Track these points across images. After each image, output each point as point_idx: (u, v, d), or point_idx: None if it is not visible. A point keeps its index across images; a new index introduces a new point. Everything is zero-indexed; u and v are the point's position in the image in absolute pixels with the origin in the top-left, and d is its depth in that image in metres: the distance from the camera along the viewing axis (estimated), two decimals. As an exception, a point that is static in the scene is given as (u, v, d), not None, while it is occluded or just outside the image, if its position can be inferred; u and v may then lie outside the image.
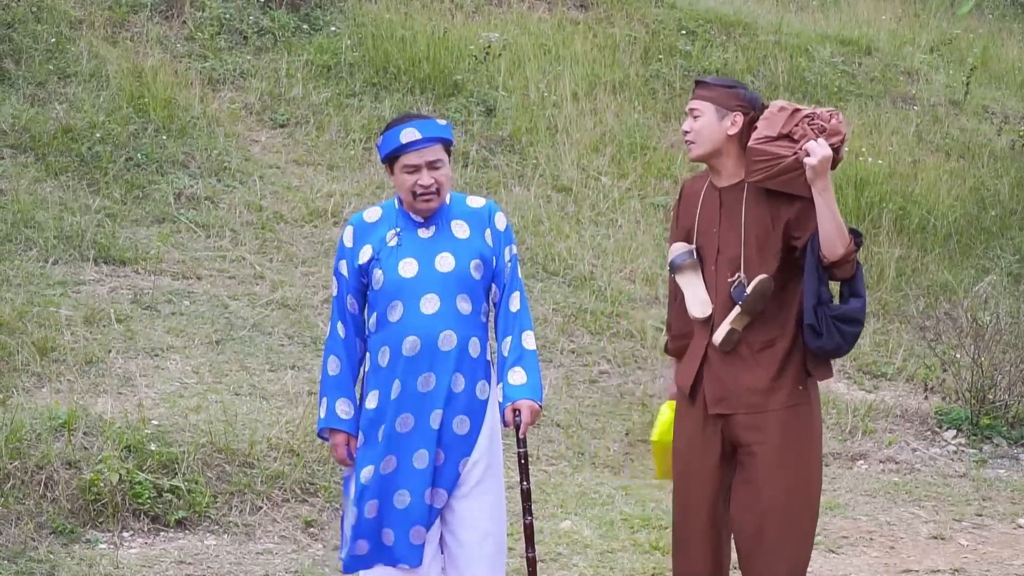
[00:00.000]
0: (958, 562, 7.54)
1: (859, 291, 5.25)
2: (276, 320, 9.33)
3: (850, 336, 5.21)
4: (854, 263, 5.21)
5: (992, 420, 9.68)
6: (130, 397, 7.98)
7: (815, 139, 5.10)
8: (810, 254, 5.17)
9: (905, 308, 11.33)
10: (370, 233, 5.36)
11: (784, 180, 5.15)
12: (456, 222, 5.39)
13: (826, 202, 5.10)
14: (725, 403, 5.27)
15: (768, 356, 5.23)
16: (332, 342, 5.39)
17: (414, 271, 5.29)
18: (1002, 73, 16.42)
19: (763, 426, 5.21)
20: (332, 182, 11.27)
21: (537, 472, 8.24)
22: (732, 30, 15.20)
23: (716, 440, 5.29)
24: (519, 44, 13.58)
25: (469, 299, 5.34)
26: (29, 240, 9.58)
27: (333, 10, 13.50)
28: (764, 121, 5.20)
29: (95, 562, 6.61)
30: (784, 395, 5.22)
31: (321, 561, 6.87)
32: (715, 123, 5.26)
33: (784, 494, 5.19)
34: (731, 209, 5.27)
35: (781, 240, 5.21)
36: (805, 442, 5.26)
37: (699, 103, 5.29)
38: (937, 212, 12.73)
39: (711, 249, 5.31)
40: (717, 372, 5.28)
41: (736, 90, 5.29)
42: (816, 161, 5.05)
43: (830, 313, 5.16)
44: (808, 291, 5.17)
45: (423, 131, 5.27)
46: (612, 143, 12.62)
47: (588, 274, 10.87)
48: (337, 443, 5.38)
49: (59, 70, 11.49)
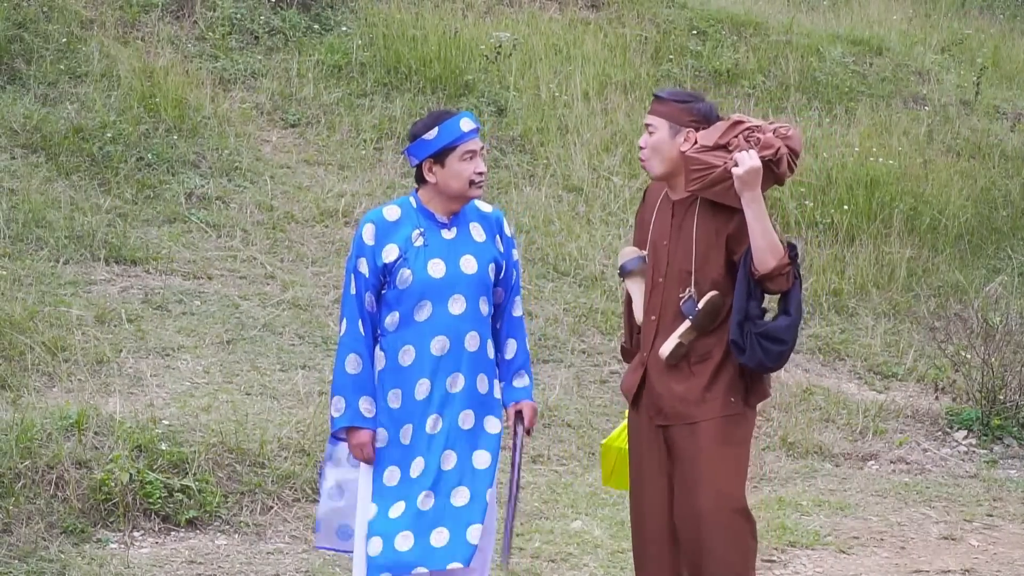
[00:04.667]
0: (969, 563, 7.53)
1: (791, 309, 5.27)
2: (287, 320, 9.34)
3: (773, 354, 5.23)
4: (788, 276, 5.22)
5: (1003, 421, 9.67)
6: (141, 397, 8.00)
7: (747, 150, 5.12)
8: (741, 267, 5.21)
9: (916, 308, 11.31)
10: (393, 232, 5.36)
11: (717, 191, 5.19)
12: (473, 224, 5.46)
13: (755, 213, 5.11)
14: (661, 415, 5.35)
15: (702, 368, 5.29)
16: (351, 340, 5.36)
17: (442, 272, 5.32)
18: (1013, 73, 16.39)
19: (695, 435, 5.27)
20: (343, 182, 11.28)
21: (548, 472, 8.24)
22: (743, 30, 15.19)
23: (660, 447, 5.37)
24: (530, 44, 13.57)
25: (487, 301, 5.42)
26: (40, 240, 9.59)
27: (344, 10, 13.50)
28: (704, 132, 5.25)
29: (106, 562, 6.62)
30: (716, 406, 5.29)
31: (332, 561, 6.87)
32: (668, 139, 5.29)
33: (713, 500, 5.25)
34: (683, 222, 5.31)
35: (724, 254, 5.25)
36: (732, 453, 5.32)
37: (654, 119, 5.32)
38: (948, 212, 12.71)
39: (661, 260, 5.35)
40: (655, 383, 5.36)
41: (690, 105, 5.29)
42: (743, 171, 5.09)
43: (755, 330, 5.19)
44: (735, 306, 5.23)
45: (475, 121, 5.39)
46: (623, 143, 12.61)
47: (599, 274, 10.87)
48: (364, 441, 5.34)
49: (70, 70, 11.50)
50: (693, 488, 5.27)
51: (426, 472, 5.31)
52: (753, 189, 5.11)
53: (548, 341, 9.87)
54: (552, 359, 9.70)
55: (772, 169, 5.19)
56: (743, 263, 5.20)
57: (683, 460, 5.31)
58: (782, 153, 5.20)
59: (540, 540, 7.29)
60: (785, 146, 5.21)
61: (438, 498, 5.32)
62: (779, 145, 5.19)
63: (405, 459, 5.32)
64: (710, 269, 5.25)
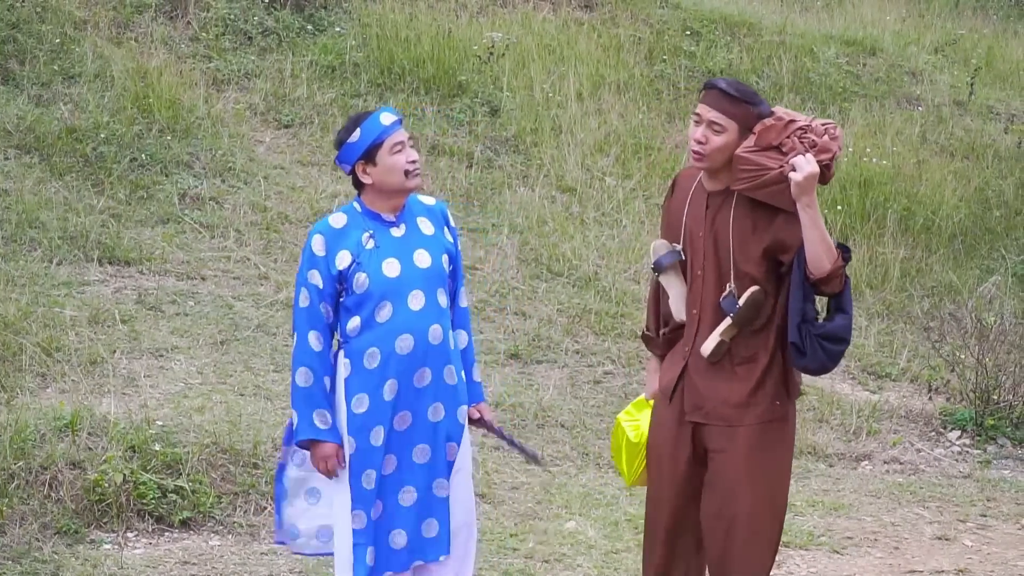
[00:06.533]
0: (962, 563, 7.54)
1: (845, 308, 5.19)
2: (280, 320, 9.33)
3: (834, 354, 5.17)
4: (842, 279, 5.14)
5: (996, 421, 9.68)
6: (134, 397, 7.99)
7: (803, 154, 5.03)
8: (796, 270, 5.11)
9: (910, 309, 11.32)
10: (342, 238, 5.34)
11: (769, 192, 5.07)
12: (420, 219, 5.47)
13: (811, 218, 5.01)
14: (701, 412, 5.26)
15: (747, 370, 5.21)
16: (302, 353, 5.32)
17: (397, 270, 5.32)
18: (1007, 73, 16.41)
19: (735, 438, 5.20)
20: (336, 183, 11.27)
21: (541, 473, 8.24)
22: (737, 30, 15.19)
23: (688, 442, 5.29)
24: (524, 44, 13.57)
25: (445, 292, 5.44)
26: (34, 240, 9.58)
27: (338, 10, 13.50)
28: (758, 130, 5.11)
29: (99, 562, 6.62)
30: (760, 411, 5.21)
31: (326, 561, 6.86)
32: (736, 142, 5.12)
33: (752, 503, 5.19)
34: (718, 215, 5.20)
35: (763, 252, 5.15)
36: (776, 457, 5.27)
37: (723, 119, 5.12)
38: (942, 213, 12.72)
39: (699, 252, 5.24)
40: (696, 380, 5.27)
41: (760, 108, 5.14)
42: (802, 177, 4.97)
43: (814, 331, 5.11)
44: (793, 308, 5.12)
45: (395, 114, 5.40)
46: (617, 143, 12.62)
47: (592, 274, 10.87)
48: (327, 454, 5.32)
49: (63, 71, 11.49)
50: (733, 490, 5.19)
51: (400, 468, 5.34)
52: (809, 194, 4.99)
53: (542, 342, 9.87)
54: (546, 360, 9.69)
55: (824, 172, 5.10)
56: (797, 266, 5.10)
57: (722, 463, 5.22)
58: (838, 157, 5.15)
59: (534, 541, 7.29)
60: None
61: (420, 492, 5.36)
62: (835, 149, 5.10)
63: (378, 459, 5.32)
64: (748, 264, 5.14)
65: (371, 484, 5.32)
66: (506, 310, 10.04)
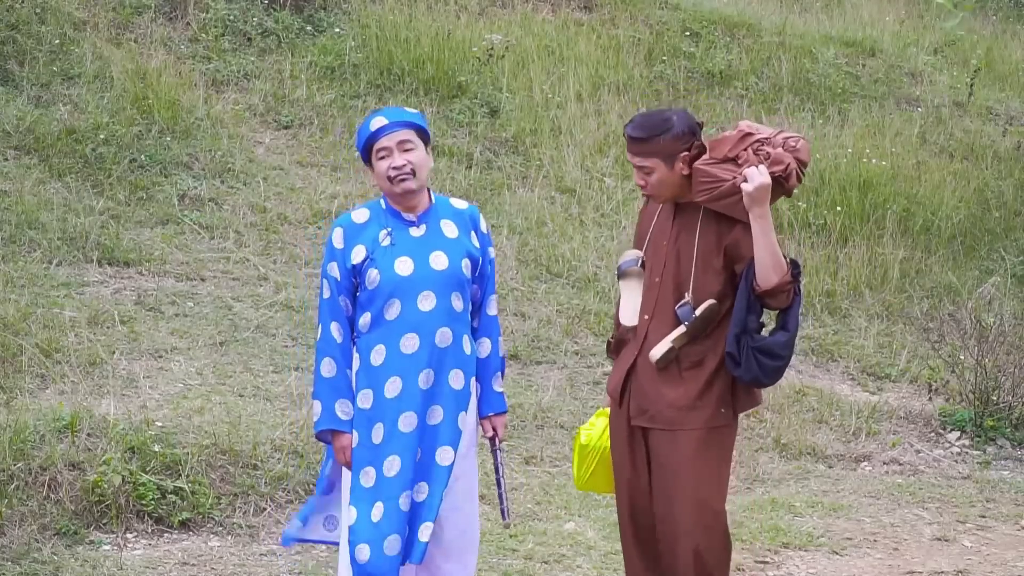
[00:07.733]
0: (962, 564, 7.54)
1: (789, 325, 5.26)
2: (280, 321, 9.33)
3: (769, 370, 5.23)
4: (789, 294, 5.21)
5: (996, 422, 9.68)
6: (134, 398, 7.99)
7: (756, 165, 5.11)
8: (743, 281, 5.20)
9: (909, 310, 11.31)
10: (360, 233, 5.37)
11: (725, 203, 5.18)
12: (445, 221, 5.45)
13: (762, 229, 5.10)
14: (646, 416, 5.34)
15: (694, 374, 5.27)
16: (325, 344, 5.36)
17: (410, 269, 5.32)
18: (1006, 74, 16.41)
19: (676, 443, 5.26)
20: (336, 183, 11.28)
21: (541, 474, 8.24)
22: (736, 31, 15.20)
23: (642, 448, 5.37)
24: (523, 45, 13.58)
25: (461, 297, 5.40)
26: (33, 241, 9.58)
27: (337, 11, 13.50)
28: (715, 143, 5.23)
29: (99, 563, 6.61)
30: (706, 415, 5.27)
31: (325, 562, 6.87)
32: (668, 174, 5.26)
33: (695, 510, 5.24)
34: (684, 226, 5.31)
35: (723, 263, 5.24)
36: (717, 463, 5.32)
37: (645, 160, 5.28)
38: (941, 213, 12.72)
39: (658, 262, 5.34)
40: (643, 383, 5.35)
41: (671, 132, 5.23)
42: (752, 188, 5.07)
43: (752, 344, 5.18)
44: (735, 318, 5.21)
45: (390, 117, 5.38)
46: (616, 144, 12.61)
47: (592, 275, 10.87)
48: (344, 445, 5.35)
49: (63, 71, 11.50)
50: (673, 497, 5.27)
51: (403, 471, 5.31)
52: (762, 205, 5.09)
53: (541, 342, 9.87)
54: (545, 360, 9.70)
55: (781, 184, 5.16)
56: (744, 277, 5.18)
57: (663, 467, 5.30)
58: (792, 168, 5.19)
59: (533, 541, 7.29)
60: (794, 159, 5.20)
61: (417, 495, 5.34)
62: (789, 161, 5.16)
63: (378, 458, 5.31)
64: (708, 276, 5.24)
65: (370, 482, 5.30)
66: (505, 311, 10.04)
